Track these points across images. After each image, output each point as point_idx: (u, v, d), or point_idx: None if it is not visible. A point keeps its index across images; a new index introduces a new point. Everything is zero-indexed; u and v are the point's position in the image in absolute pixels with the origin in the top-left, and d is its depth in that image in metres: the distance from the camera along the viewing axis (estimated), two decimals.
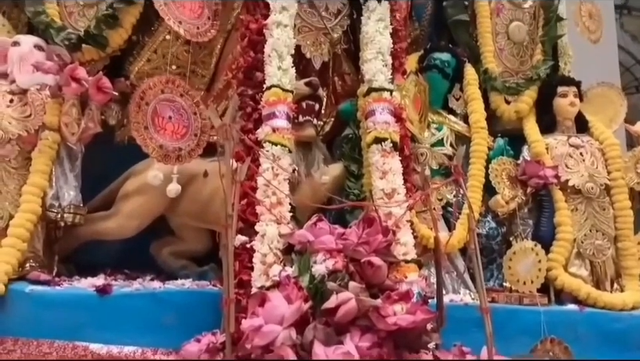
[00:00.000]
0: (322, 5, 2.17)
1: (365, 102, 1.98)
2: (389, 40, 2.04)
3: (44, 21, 2.05)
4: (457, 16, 2.46)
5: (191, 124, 1.87)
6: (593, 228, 2.18)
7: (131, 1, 2.10)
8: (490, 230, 2.15)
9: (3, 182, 1.82)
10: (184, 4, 1.96)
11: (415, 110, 2.15)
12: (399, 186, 1.79)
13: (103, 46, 2.08)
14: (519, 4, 2.48)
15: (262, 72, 1.91)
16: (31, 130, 1.86)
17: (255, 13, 2.00)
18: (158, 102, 1.83)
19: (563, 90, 2.32)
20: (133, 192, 2.02)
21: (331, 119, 2.24)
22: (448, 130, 2.27)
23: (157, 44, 2.19)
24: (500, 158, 2.20)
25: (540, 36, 2.46)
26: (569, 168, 2.22)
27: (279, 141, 1.78)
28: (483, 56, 2.41)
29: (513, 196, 2.12)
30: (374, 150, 1.87)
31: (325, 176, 1.99)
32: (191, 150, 1.87)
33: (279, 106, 1.84)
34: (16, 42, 1.97)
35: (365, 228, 1.59)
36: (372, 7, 2.08)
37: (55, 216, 1.84)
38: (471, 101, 2.31)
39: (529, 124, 2.33)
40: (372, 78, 1.98)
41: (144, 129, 1.80)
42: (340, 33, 2.21)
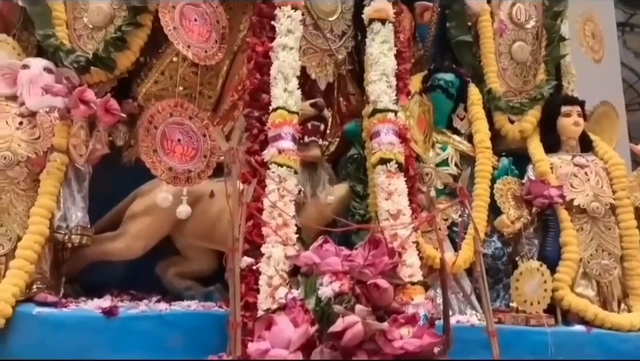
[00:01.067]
0: (327, 27, 2.21)
1: (370, 123, 2.00)
2: (393, 62, 2.07)
3: (53, 44, 2.08)
4: (460, 37, 2.48)
5: (200, 146, 1.90)
6: (599, 248, 2.17)
7: (139, 24, 2.13)
8: (496, 250, 2.15)
9: (11, 204, 1.82)
10: (192, 29, 1.98)
11: (420, 130, 2.17)
12: (404, 207, 1.79)
13: (111, 68, 2.11)
14: (522, 24, 2.51)
15: (268, 94, 1.94)
16: (40, 152, 1.87)
17: (262, 36, 2.03)
18: (167, 125, 1.86)
19: (566, 109, 2.33)
20: (140, 213, 2.03)
21: (336, 139, 2.25)
22: (452, 150, 2.28)
23: (165, 66, 2.21)
24: (505, 177, 2.20)
25: (543, 56, 2.48)
26: (574, 187, 2.22)
27: (284, 162, 1.80)
28: (486, 76, 2.43)
29: (519, 216, 2.12)
30: (379, 171, 1.88)
31: (331, 197, 2.00)
32: (200, 171, 1.89)
33: (285, 127, 1.86)
34: (26, 65, 1.99)
35: (370, 249, 1.59)
36: (376, 29, 2.11)
37: (62, 237, 1.85)
38: (475, 121, 2.33)
39: (533, 143, 2.34)
40: (377, 99, 2.00)
41: (153, 152, 1.82)
42: (345, 54, 2.24)
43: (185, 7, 1.99)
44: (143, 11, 2.13)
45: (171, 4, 1.95)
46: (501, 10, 2.51)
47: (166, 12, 1.92)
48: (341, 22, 2.23)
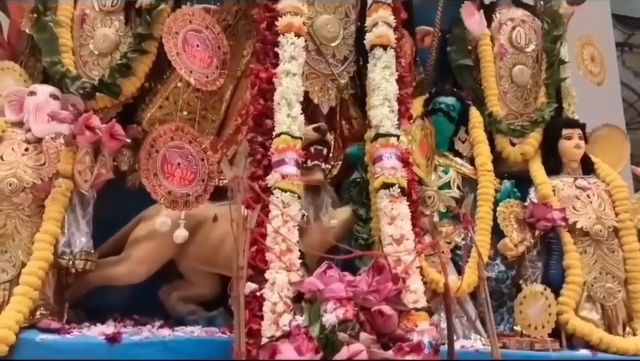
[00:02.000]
0: (329, 53, 2.23)
1: (373, 148, 2.01)
2: (395, 87, 2.08)
3: (60, 71, 2.11)
4: (461, 60, 2.51)
5: (199, 170, 1.91)
6: (603, 271, 2.17)
7: (144, 51, 2.17)
8: (499, 273, 2.15)
9: (16, 230, 1.84)
10: (194, 54, 2.01)
11: (422, 154, 2.18)
12: (407, 231, 1.80)
13: (117, 94, 2.14)
14: (522, 48, 2.53)
15: (271, 120, 1.95)
16: (45, 178, 1.89)
17: (265, 62, 2.06)
18: (167, 149, 1.88)
19: (567, 132, 2.35)
20: (144, 238, 2.04)
21: (339, 163, 2.26)
22: (454, 173, 2.29)
23: (169, 92, 2.24)
24: (507, 200, 2.21)
25: (543, 80, 2.50)
26: (577, 210, 2.23)
27: (288, 188, 1.81)
28: (487, 100, 2.45)
29: (522, 239, 2.13)
30: (382, 195, 1.88)
31: (334, 220, 2.01)
32: (198, 195, 1.91)
33: (288, 153, 1.87)
34: (32, 92, 2.02)
35: (374, 275, 1.59)
36: (378, 55, 2.13)
37: (66, 263, 1.85)
38: (477, 144, 2.34)
39: (535, 166, 2.35)
40: (379, 124, 2.02)
41: (153, 176, 1.84)
42: (347, 79, 2.27)
43: (188, 33, 2.02)
44: (148, 38, 2.17)
45: (175, 30, 1.98)
46: (501, 34, 2.54)
47: (169, 38, 1.95)
48: (343, 47, 2.26)
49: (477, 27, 2.48)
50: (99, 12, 2.23)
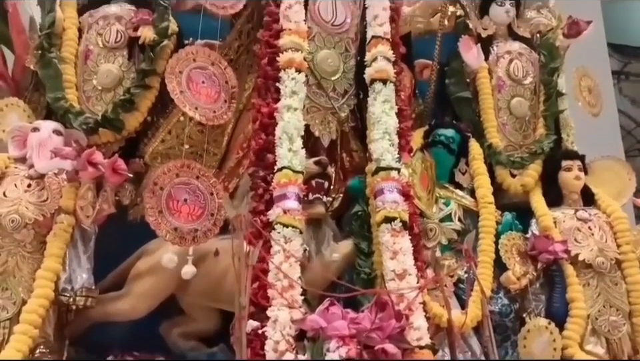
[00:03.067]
0: (329, 86, 2.26)
1: (374, 181, 2.02)
2: (395, 121, 2.11)
3: (63, 107, 2.13)
4: (460, 93, 2.54)
5: (208, 205, 1.90)
6: (607, 304, 2.15)
7: (147, 86, 2.20)
8: (503, 307, 2.13)
9: (17, 266, 1.83)
10: (199, 91, 2.02)
11: (423, 186, 2.19)
12: (409, 266, 1.79)
13: (119, 129, 2.16)
14: (520, 80, 2.56)
15: (273, 154, 1.97)
16: (47, 214, 1.89)
17: (266, 97, 2.09)
18: (173, 186, 1.88)
19: (567, 164, 2.36)
20: (145, 273, 2.03)
21: (340, 195, 2.26)
22: (456, 205, 2.29)
23: (172, 125, 2.25)
24: (509, 233, 2.21)
25: (542, 111, 2.53)
26: (578, 242, 2.22)
27: (290, 223, 1.81)
28: (486, 131, 2.47)
29: (524, 272, 2.12)
30: (383, 229, 1.89)
31: (336, 254, 2.00)
32: (207, 230, 1.89)
33: (290, 187, 1.88)
34: (36, 128, 2.03)
35: (377, 312, 1.58)
36: (378, 89, 2.16)
37: (67, 300, 1.84)
38: (477, 176, 2.35)
39: (536, 197, 2.35)
40: (379, 157, 2.03)
41: (158, 213, 1.84)
42: (347, 112, 2.29)
43: (192, 71, 2.03)
44: (151, 74, 2.20)
45: (178, 69, 2.00)
46: (499, 67, 2.58)
47: (172, 78, 1.96)
48: (343, 81, 2.29)
49: (474, 60, 2.51)
50: (102, 49, 2.26)
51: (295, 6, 2.18)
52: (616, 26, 4.39)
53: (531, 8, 2.70)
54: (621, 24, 4.70)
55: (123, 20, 2.28)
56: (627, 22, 4.87)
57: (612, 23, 3.98)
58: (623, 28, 4.75)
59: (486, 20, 2.63)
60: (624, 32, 4.76)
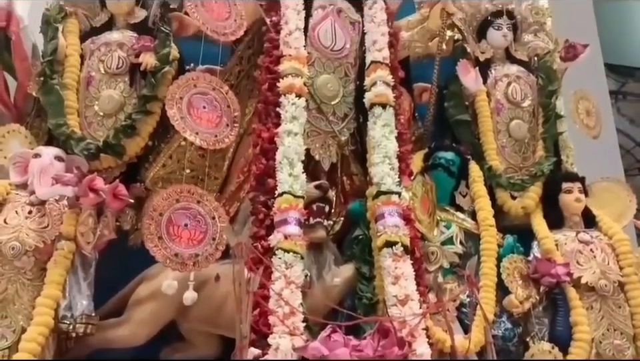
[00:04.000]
0: (329, 110, 2.28)
1: (374, 205, 2.02)
2: (395, 145, 2.12)
3: (65, 133, 2.14)
4: (459, 116, 2.55)
5: (209, 229, 1.89)
6: (610, 327, 2.13)
7: (148, 112, 2.22)
8: (506, 331, 2.11)
9: (17, 294, 1.82)
10: (200, 116, 2.03)
11: (424, 210, 2.19)
12: (412, 291, 1.78)
13: (121, 154, 2.17)
14: (518, 103, 2.57)
15: (274, 179, 1.97)
16: (48, 241, 1.89)
17: (267, 122, 2.10)
18: (173, 211, 1.87)
19: (567, 186, 2.36)
20: (145, 299, 2.02)
21: (341, 218, 2.26)
22: (457, 228, 2.28)
23: (173, 150, 2.26)
24: (511, 256, 2.20)
25: (541, 134, 2.53)
26: (581, 265, 2.21)
27: (291, 248, 1.81)
28: (486, 154, 2.48)
29: (527, 296, 2.10)
30: (385, 254, 1.88)
31: (337, 278, 1.99)
32: (209, 255, 1.87)
33: (291, 212, 1.88)
34: (37, 154, 2.04)
35: (380, 339, 1.57)
36: (377, 113, 2.18)
37: (67, 327, 1.82)
38: (478, 198, 2.35)
39: (537, 220, 2.35)
40: (380, 181, 2.04)
41: (158, 239, 1.83)
42: (347, 136, 2.31)
43: (193, 97, 2.04)
44: (153, 99, 2.22)
45: (178, 95, 2.01)
46: (497, 90, 2.59)
47: (173, 105, 1.97)
48: (343, 105, 2.31)
49: (473, 84, 2.53)
50: (104, 75, 2.28)
51: (295, 32, 2.21)
52: (612, 46, 4.43)
53: (528, 32, 2.73)
54: (617, 45, 4.75)
55: (125, 47, 2.30)
56: (623, 43, 4.93)
57: (608, 43, 4.02)
58: (619, 49, 4.80)
59: (483, 44, 2.66)
60: (620, 53, 4.81)
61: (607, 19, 4.42)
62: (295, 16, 2.25)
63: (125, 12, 2.38)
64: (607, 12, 4.51)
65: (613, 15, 4.89)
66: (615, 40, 4.66)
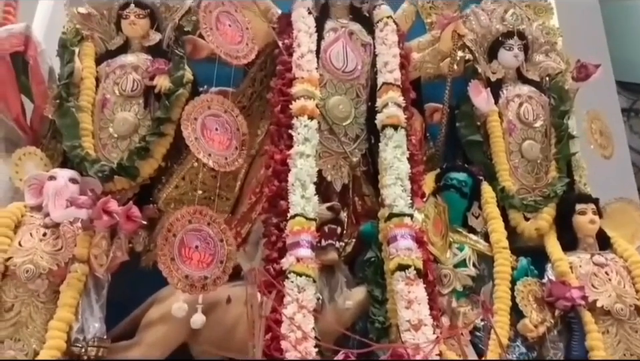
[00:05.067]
0: (341, 132, 2.29)
1: (387, 227, 2.01)
2: (407, 166, 2.12)
3: (79, 155, 2.17)
4: (471, 136, 2.54)
5: (217, 252, 1.90)
6: (627, 352, 2.08)
7: (162, 133, 2.24)
8: (520, 355, 2.08)
9: (30, 317, 1.83)
10: (213, 138, 2.04)
11: (436, 231, 2.18)
12: (425, 316, 1.77)
13: (134, 176, 2.19)
14: (530, 123, 2.56)
15: (286, 201, 1.98)
16: (62, 263, 1.90)
17: (279, 144, 2.11)
18: (185, 232, 1.88)
19: (581, 207, 2.33)
20: (157, 321, 2.01)
21: (352, 240, 2.25)
22: (470, 250, 2.26)
23: (185, 172, 2.29)
24: (525, 279, 2.17)
25: (553, 154, 2.51)
26: (596, 288, 2.18)
27: (303, 271, 1.80)
28: (498, 174, 2.45)
29: (542, 320, 2.07)
30: (397, 277, 1.87)
31: (349, 301, 1.98)
32: (216, 278, 1.88)
33: (303, 235, 1.89)
34: (52, 176, 2.07)
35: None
36: (389, 135, 2.18)
37: (79, 350, 1.83)
38: (491, 220, 2.33)
39: (550, 241, 2.32)
40: (392, 203, 2.04)
41: (170, 261, 1.84)
42: (359, 157, 2.31)
43: (207, 118, 2.06)
44: (166, 121, 2.25)
45: (193, 116, 2.03)
46: (509, 110, 2.58)
47: (188, 125, 1.99)
48: (355, 126, 2.32)
49: (484, 104, 2.53)
50: (119, 97, 2.32)
51: (307, 55, 2.23)
52: (623, 63, 4.41)
53: (539, 52, 2.72)
54: (628, 62, 4.73)
55: (140, 70, 2.34)
56: (634, 60, 4.90)
57: (619, 61, 4.00)
58: (630, 66, 4.78)
59: (494, 65, 2.66)
60: (631, 70, 4.79)
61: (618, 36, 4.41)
62: (307, 39, 2.27)
63: (139, 35, 2.42)
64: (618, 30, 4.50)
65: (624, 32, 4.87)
66: (625, 58, 4.63)
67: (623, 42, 4.59)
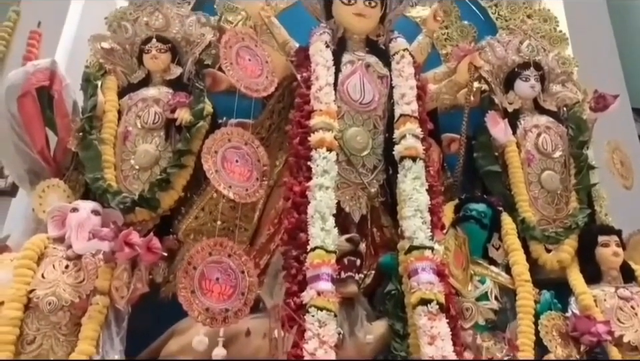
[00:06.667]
0: (359, 162, 2.30)
1: (407, 260, 2.00)
2: (426, 198, 2.11)
3: (102, 187, 2.20)
4: (489, 167, 2.53)
5: (239, 284, 1.88)
6: None
7: (183, 165, 2.27)
8: None
9: (52, 349, 1.83)
10: (233, 170, 2.06)
11: (457, 264, 2.15)
12: (448, 352, 1.74)
13: (155, 208, 2.22)
14: (549, 154, 2.54)
15: (305, 233, 1.98)
16: (83, 295, 1.91)
17: (298, 176, 2.12)
18: (205, 265, 1.88)
19: (604, 239, 2.30)
20: (176, 353, 2.00)
21: (372, 271, 2.24)
22: (491, 283, 2.23)
23: (205, 202, 2.31)
24: (549, 313, 2.12)
25: (573, 185, 2.48)
26: (622, 322, 2.13)
27: (324, 306, 1.79)
28: (518, 205, 2.43)
29: (567, 355, 2.02)
30: (419, 312, 1.85)
31: (370, 336, 1.95)
32: (237, 310, 1.86)
33: (323, 268, 1.88)
34: (75, 208, 2.10)
35: None
36: (407, 166, 2.18)
37: None
38: (512, 252, 2.30)
39: (573, 274, 2.28)
40: (412, 235, 2.02)
41: (191, 293, 1.83)
42: (377, 187, 2.31)
43: (227, 151, 2.08)
44: (187, 153, 2.29)
45: (214, 149, 2.05)
46: (527, 140, 2.57)
47: (208, 158, 2.01)
48: (372, 157, 2.33)
49: (502, 135, 2.53)
50: (141, 129, 2.36)
51: (325, 88, 2.26)
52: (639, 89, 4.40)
53: (556, 82, 2.73)
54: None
55: (161, 103, 2.39)
56: None
57: (635, 88, 3.99)
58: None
59: (511, 95, 2.67)
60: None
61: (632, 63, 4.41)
62: (324, 72, 2.30)
63: (161, 69, 2.48)
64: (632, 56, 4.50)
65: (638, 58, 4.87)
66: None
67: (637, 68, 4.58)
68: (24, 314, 1.86)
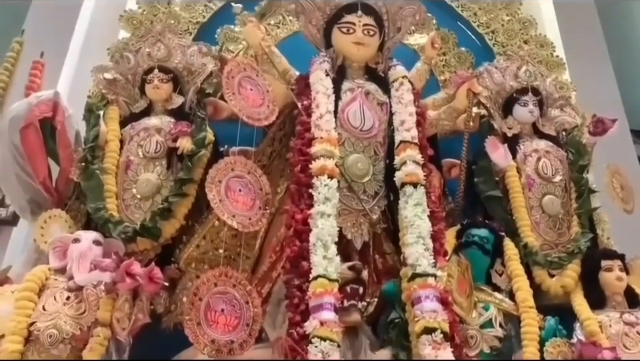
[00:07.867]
0: (360, 189, 2.30)
1: (410, 288, 1.98)
2: (428, 224, 2.11)
3: (103, 217, 2.20)
4: (490, 192, 2.53)
5: (243, 315, 1.88)
6: None
7: (184, 194, 2.27)
8: None
9: None
10: (237, 199, 2.06)
11: (461, 291, 2.14)
12: None
13: (157, 237, 2.21)
14: (549, 178, 2.54)
15: (307, 262, 1.97)
16: (84, 327, 1.90)
17: (300, 203, 2.12)
18: (211, 296, 1.87)
19: (607, 264, 2.28)
20: None
21: (374, 299, 2.22)
22: (495, 310, 2.21)
23: (206, 231, 2.30)
24: (554, 339, 2.10)
25: (575, 209, 2.48)
26: (628, 348, 2.10)
27: (327, 336, 1.77)
28: (520, 230, 2.42)
29: None
30: (424, 341, 1.83)
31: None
32: (242, 341, 1.85)
33: (326, 297, 1.86)
34: (76, 239, 2.09)
35: None
36: (409, 192, 2.18)
37: None
38: (515, 278, 2.28)
39: (578, 299, 2.26)
40: (415, 263, 2.01)
41: (197, 325, 1.82)
42: (378, 214, 2.31)
43: (231, 180, 2.09)
44: (189, 182, 2.29)
45: (217, 178, 2.06)
46: (527, 165, 2.57)
47: (212, 188, 2.02)
48: (373, 183, 2.33)
49: (502, 160, 2.53)
50: (142, 159, 2.37)
51: (325, 115, 2.27)
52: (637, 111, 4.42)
53: (554, 107, 2.75)
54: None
55: (163, 132, 2.40)
56: None
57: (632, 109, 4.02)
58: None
59: (510, 120, 2.68)
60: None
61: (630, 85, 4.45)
62: (325, 100, 2.33)
63: (163, 99, 2.50)
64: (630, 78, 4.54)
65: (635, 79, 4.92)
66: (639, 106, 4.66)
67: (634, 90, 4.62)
68: (24, 347, 1.84)
